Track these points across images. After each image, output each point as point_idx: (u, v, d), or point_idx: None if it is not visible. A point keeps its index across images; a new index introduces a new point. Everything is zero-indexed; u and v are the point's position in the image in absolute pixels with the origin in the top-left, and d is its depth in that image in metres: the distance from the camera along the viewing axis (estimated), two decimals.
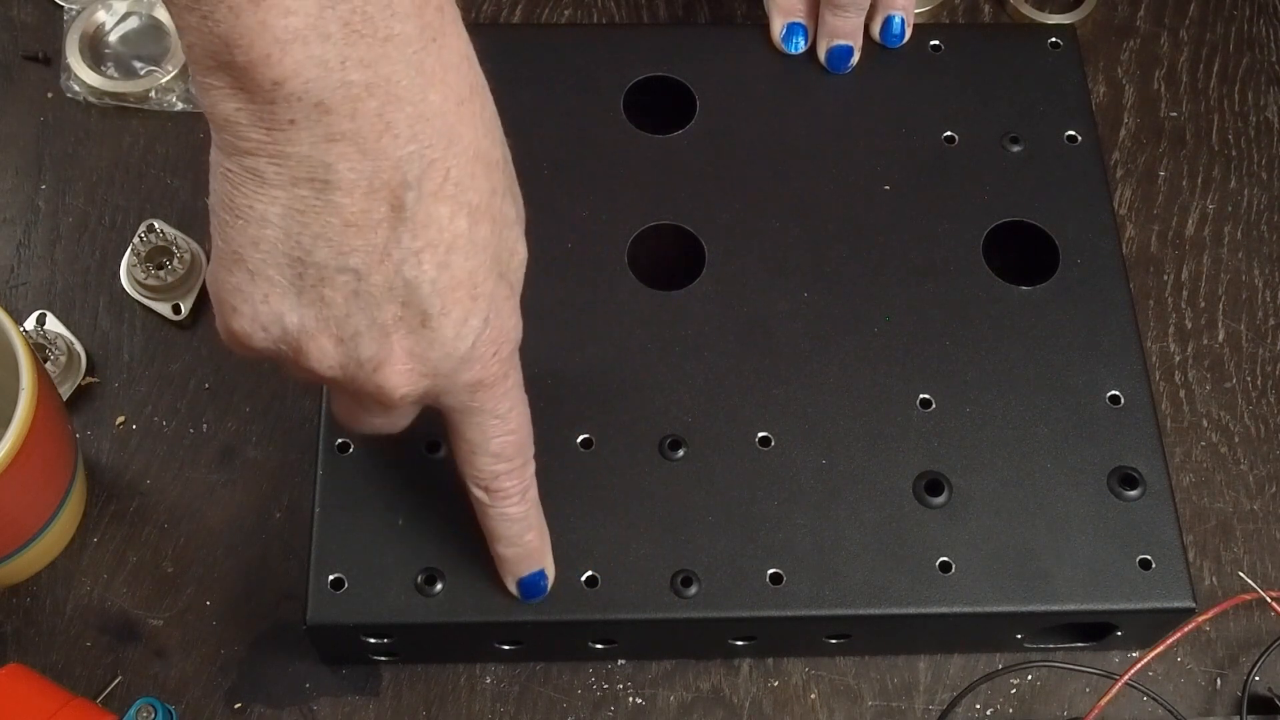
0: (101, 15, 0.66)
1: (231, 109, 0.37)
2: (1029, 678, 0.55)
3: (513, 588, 0.49)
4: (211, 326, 0.59)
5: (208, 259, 0.61)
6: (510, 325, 0.42)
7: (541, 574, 0.49)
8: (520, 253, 0.43)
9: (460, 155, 0.39)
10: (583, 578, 0.49)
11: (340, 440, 0.51)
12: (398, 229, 0.38)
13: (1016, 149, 0.59)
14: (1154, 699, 0.53)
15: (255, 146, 0.37)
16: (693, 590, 0.49)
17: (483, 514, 0.47)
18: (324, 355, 0.40)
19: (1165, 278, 0.63)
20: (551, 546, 0.49)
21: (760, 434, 0.52)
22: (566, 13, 0.69)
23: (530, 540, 0.48)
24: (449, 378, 0.41)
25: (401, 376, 0.40)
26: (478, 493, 0.46)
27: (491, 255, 0.40)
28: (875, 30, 0.61)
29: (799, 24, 0.60)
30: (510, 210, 0.42)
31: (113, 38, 0.66)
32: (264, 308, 0.39)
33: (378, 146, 0.37)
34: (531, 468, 0.46)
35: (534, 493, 0.47)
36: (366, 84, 0.36)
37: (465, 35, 0.39)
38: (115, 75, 0.65)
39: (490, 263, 0.40)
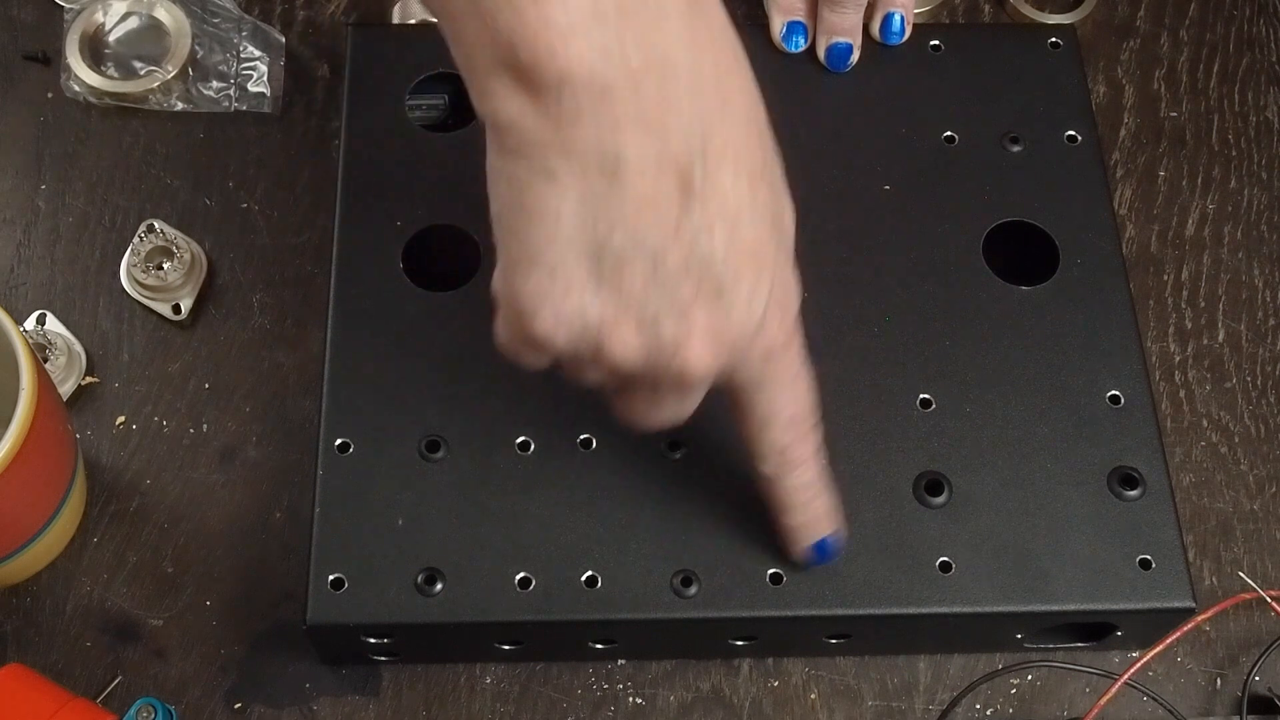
0: (101, 15, 0.66)
1: (515, 110, 0.37)
2: (1029, 678, 0.55)
3: (800, 555, 0.49)
4: (211, 326, 0.60)
5: (207, 259, 0.61)
6: (793, 288, 0.42)
7: (832, 537, 0.48)
8: (790, 212, 0.42)
9: (735, 121, 0.39)
10: (583, 578, 0.49)
11: (340, 440, 0.51)
12: (688, 203, 0.38)
13: (1016, 149, 0.59)
14: (1154, 699, 0.53)
15: (543, 144, 0.37)
16: (693, 590, 0.49)
17: (772, 488, 0.47)
18: (626, 344, 0.40)
19: (1165, 278, 0.63)
20: (551, 546, 0.50)
21: None
22: None
23: (819, 506, 0.47)
24: (744, 349, 0.41)
25: (702, 355, 0.40)
26: (768, 468, 0.46)
27: (771, 218, 0.41)
28: (875, 28, 0.61)
29: (799, 22, 0.60)
30: (779, 172, 0.42)
31: (113, 38, 0.66)
32: (565, 304, 0.39)
33: (662, 124, 0.37)
34: (818, 432, 0.46)
35: (820, 457, 0.47)
36: (645, 63, 0.37)
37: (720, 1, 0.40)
38: (115, 75, 0.65)
39: (771, 226, 0.41)
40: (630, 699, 0.54)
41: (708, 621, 0.50)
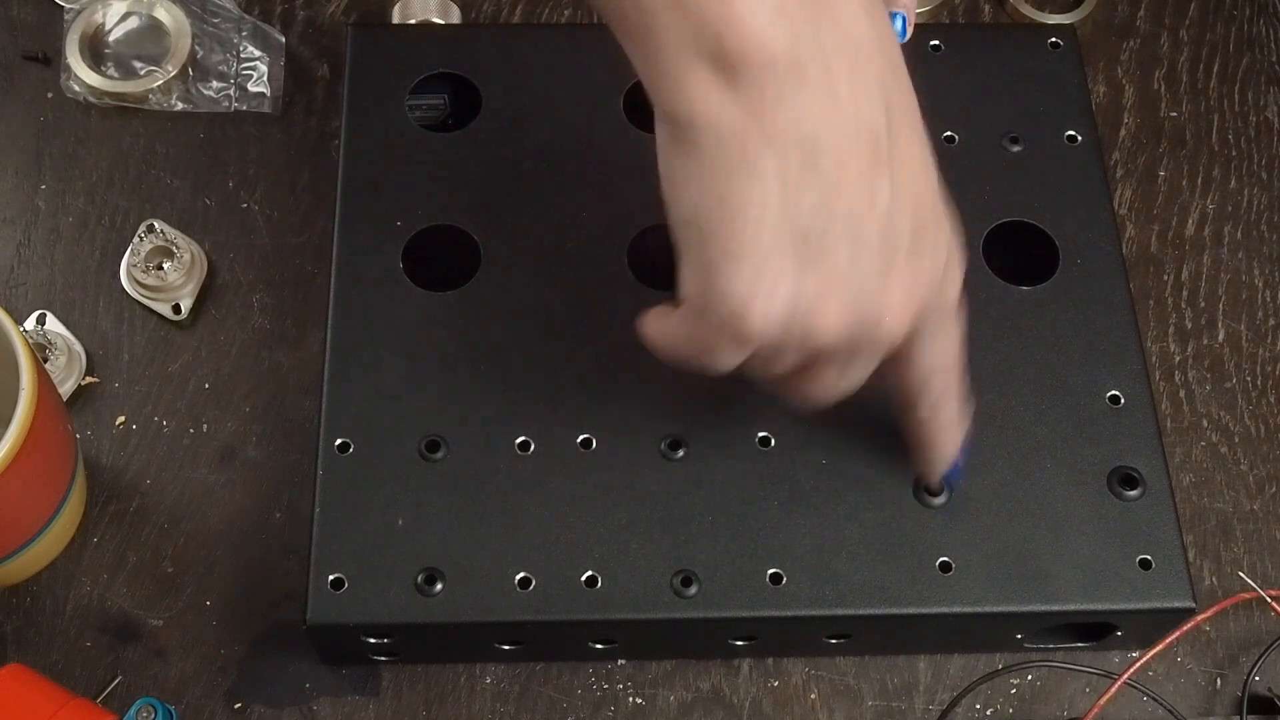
0: (101, 15, 0.66)
1: (714, 103, 0.37)
2: (1029, 678, 0.55)
3: (933, 480, 0.51)
4: (211, 326, 0.60)
5: (208, 259, 0.61)
6: (958, 238, 0.43)
7: (962, 460, 0.50)
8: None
9: (905, 85, 0.40)
10: (583, 578, 0.49)
11: (340, 440, 0.51)
12: (878, 171, 0.39)
13: (1016, 149, 0.59)
14: (1154, 699, 0.53)
15: (743, 135, 0.37)
16: (693, 590, 0.49)
17: (922, 429, 0.48)
18: (832, 321, 0.40)
19: (1165, 278, 0.63)
20: (551, 546, 0.50)
21: (760, 434, 0.52)
22: (566, 13, 0.69)
23: (957, 438, 0.49)
24: (932, 304, 0.42)
25: (902, 317, 0.41)
26: (926, 411, 0.47)
27: (935, 168, 0.41)
28: None
29: None
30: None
31: (113, 38, 0.66)
32: (777, 296, 0.39)
33: (853, 99, 0.38)
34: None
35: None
36: (836, 41, 0.37)
37: None
38: (115, 75, 0.65)
39: (937, 176, 0.41)
40: (630, 699, 0.54)
41: (708, 621, 0.50)
